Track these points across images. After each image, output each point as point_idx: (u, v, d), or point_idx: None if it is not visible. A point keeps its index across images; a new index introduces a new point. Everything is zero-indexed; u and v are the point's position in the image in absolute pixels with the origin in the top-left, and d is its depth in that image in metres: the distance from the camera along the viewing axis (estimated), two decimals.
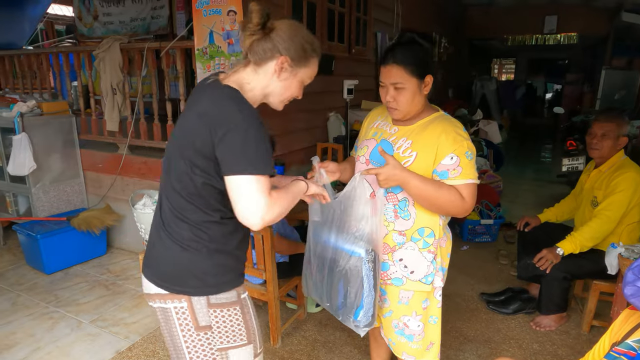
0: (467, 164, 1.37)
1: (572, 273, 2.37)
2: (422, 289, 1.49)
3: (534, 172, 6.85)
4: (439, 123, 1.42)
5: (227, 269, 1.19)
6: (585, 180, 2.57)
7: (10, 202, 3.63)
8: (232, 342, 1.20)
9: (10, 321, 2.58)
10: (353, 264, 1.40)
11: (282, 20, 1.18)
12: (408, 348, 1.58)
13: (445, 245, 1.53)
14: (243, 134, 1.04)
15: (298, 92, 1.25)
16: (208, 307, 1.16)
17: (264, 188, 1.05)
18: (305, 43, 1.18)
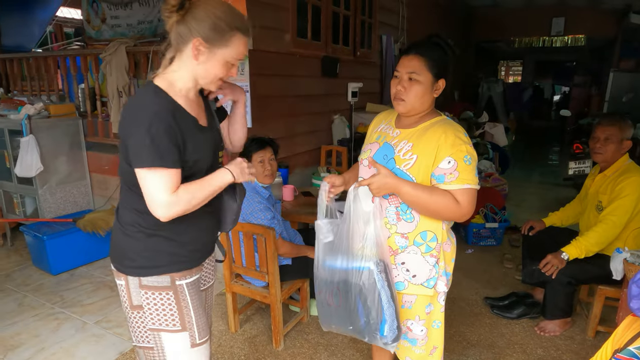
0: (464, 169, 1.36)
1: (577, 278, 2.35)
2: (424, 292, 1.49)
3: (540, 175, 6.80)
4: (440, 126, 1.41)
5: (161, 253, 1.22)
6: (590, 184, 2.55)
7: (18, 204, 3.67)
8: (164, 326, 1.23)
9: (16, 322, 2.61)
10: (365, 279, 1.39)
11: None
12: (411, 352, 1.58)
13: (450, 250, 1.52)
14: (141, 129, 1.08)
15: (224, 72, 1.21)
16: (140, 287, 1.22)
17: (166, 181, 1.10)
18: (218, 21, 1.14)
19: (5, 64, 4.46)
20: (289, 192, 3.08)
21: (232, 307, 2.45)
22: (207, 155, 1.24)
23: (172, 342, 1.24)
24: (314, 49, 3.74)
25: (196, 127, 1.21)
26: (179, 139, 1.14)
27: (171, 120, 1.12)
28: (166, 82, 1.18)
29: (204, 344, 1.29)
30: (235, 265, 2.37)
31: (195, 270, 1.29)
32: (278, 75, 3.28)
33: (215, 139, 1.30)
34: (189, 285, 1.25)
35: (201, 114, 1.27)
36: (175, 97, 1.18)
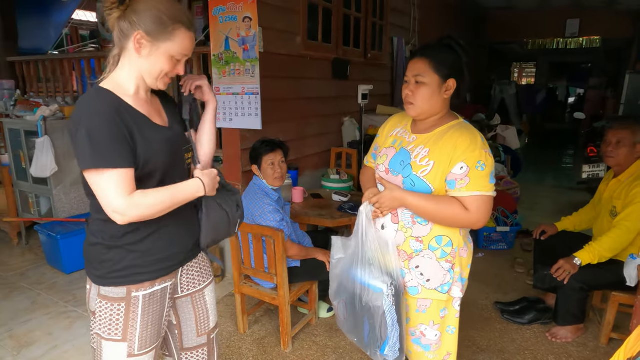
0: (476, 175, 1.34)
1: (589, 284, 2.31)
2: (438, 297, 1.48)
3: (554, 179, 6.71)
4: (456, 131, 1.39)
5: (119, 265, 1.19)
6: (604, 189, 2.51)
7: (33, 203, 3.74)
8: (107, 335, 1.22)
9: (30, 319, 2.66)
10: (375, 299, 1.43)
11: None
12: (425, 358, 1.56)
13: (467, 255, 1.49)
14: (84, 131, 1.05)
15: (170, 67, 1.18)
16: (98, 296, 1.22)
17: (115, 181, 1.07)
18: (161, 14, 1.12)
19: (22, 66, 4.55)
20: (299, 194, 3.09)
21: (241, 308, 2.46)
22: (162, 156, 1.19)
23: (109, 349, 1.23)
24: (325, 51, 3.75)
25: (148, 125, 1.18)
26: (127, 136, 1.10)
27: (115, 117, 1.08)
28: (113, 82, 1.16)
29: (142, 355, 1.26)
30: (244, 266, 2.38)
31: (159, 280, 1.26)
32: (288, 78, 3.30)
33: (174, 140, 1.25)
34: (146, 297, 1.23)
35: (155, 113, 1.24)
36: (123, 96, 1.15)
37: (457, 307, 1.52)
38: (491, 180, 1.37)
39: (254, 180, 2.38)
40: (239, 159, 2.97)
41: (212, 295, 1.48)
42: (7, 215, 3.83)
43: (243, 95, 2.82)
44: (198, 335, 1.44)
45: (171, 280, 1.30)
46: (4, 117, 3.73)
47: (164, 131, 1.22)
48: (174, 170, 1.25)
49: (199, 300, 1.42)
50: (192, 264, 1.39)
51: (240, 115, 2.86)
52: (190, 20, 1.17)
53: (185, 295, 1.39)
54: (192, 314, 1.41)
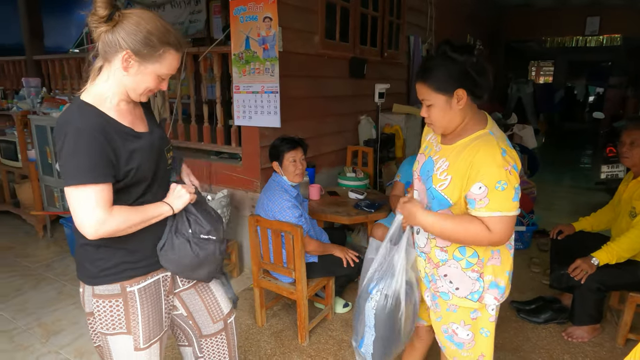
0: (496, 195, 1.29)
1: (607, 284, 2.31)
2: (469, 305, 1.46)
3: (572, 179, 6.63)
4: (476, 146, 1.33)
5: (109, 263, 1.23)
6: (623, 190, 2.50)
7: (58, 197, 3.86)
8: (111, 330, 1.26)
9: (57, 309, 2.76)
10: (364, 298, 1.53)
11: (132, 11, 1.15)
12: (459, 355, 1.57)
13: (501, 263, 1.45)
14: (63, 145, 1.09)
15: (155, 85, 1.21)
16: (92, 296, 1.25)
17: (93, 197, 1.09)
18: (150, 36, 1.13)
19: (48, 64, 4.68)
20: (316, 191, 3.14)
21: (259, 302, 2.52)
22: (148, 161, 1.23)
23: (117, 344, 1.27)
24: (342, 50, 3.78)
25: (131, 136, 1.20)
26: (109, 152, 1.12)
27: (97, 134, 1.10)
28: (95, 95, 1.17)
29: (147, 348, 1.30)
30: (263, 261, 2.44)
31: (152, 274, 1.30)
32: (306, 77, 3.34)
33: (156, 143, 1.28)
34: (141, 290, 1.27)
35: (137, 120, 1.27)
36: (106, 110, 1.17)
37: (492, 312, 1.49)
38: (514, 199, 1.31)
39: (273, 176, 2.43)
40: (257, 156, 3.02)
41: (217, 283, 1.52)
42: (33, 209, 3.97)
43: (262, 93, 2.87)
44: (214, 322, 1.49)
45: (163, 272, 1.34)
46: (31, 113, 3.85)
47: (146, 137, 1.25)
48: (159, 170, 1.29)
49: (203, 290, 1.47)
50: None
51: (260, 114, 2.92)
52: (179, 41, 1.19)
53: (188, 288, 1.44)
54: (201, 304, 1.46)
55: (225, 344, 1.55)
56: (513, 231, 1.35)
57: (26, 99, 4.12)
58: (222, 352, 1.55)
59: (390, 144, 4.24)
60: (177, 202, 1.29)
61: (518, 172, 1.32)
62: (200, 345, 1.52)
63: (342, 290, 2.81)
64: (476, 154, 1.32)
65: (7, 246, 3.79)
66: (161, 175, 1.31)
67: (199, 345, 1.52)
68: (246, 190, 3.15)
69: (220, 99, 3.25)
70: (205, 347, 1.52)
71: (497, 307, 1.51)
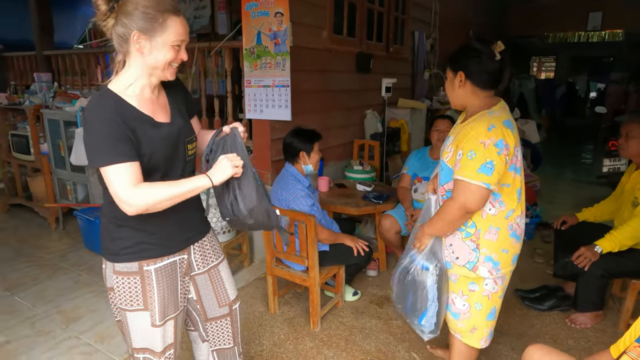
0: (464, 162, 1.48)
1: (609, 271, 2.38)
2: (466, 274, 1.63)
3: (574, 173, 6.70)
4: (473, 121, 1.55)
5: (129, 242, 1.30)
6: (625, 181, 2.57)
7: (71, 190, 3.94)
8: (129, 306, 1.33)
9: (75, 297, 2.85)
10: (421, 275, 1.69)
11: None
12: (455, 325, 1.74)
13: (497, 240, 1.60)
14: (88, 130, 1.17)
15: (173, 56, 1.25)
16: (113, 272, 1.32)
17: (122, 175, 1.15)
18: (146, 9, 1.17)
19: (58, 60, 4.75)
20: (325, 184, 3.21)
21: (272, 289, 2.60)
22: (163, 151, 1.28)
23: (134, 319, 1.35)
24: (349, 45, 3.84)
25: (149, 124, 1.25)
26: (129, 134, 1.19)
27: (116, 117, 1.17)
28: (118, 84, 1.24)
29: (162, 325, 1.37)
30: (276, 250, 2.52)
31: (169, 256, 1.36)
32: (315, 71, 3.41)
33: (174, 134, 1.32)
34: (157, 270, 1.33)
35: (159, 109, 1.31)
36: (127, 97, 1.23)
37: (486, 287, 1.65)
38: (480, 170, 1.45)
39: (285, 167, 2.51)
40: (268, 148, 3.10)
41: (226, 271, 1.59)
42: (45, 202, 4.05)
43: (273, 87, 2.94)
44: (220, 306, 1.56)
45: (181, 255, 1.41)
46: (43, 108, 3.92)
47: (165, 127, 1.30)
48: (175, 163, 1.34)
49: (215, 276, 1.54)
50: (204, 242, 1.51)
51: (271, 107, 2.99)
52: (175, 7, 1.22)
53: (202, 272, 1.50)
54: (211, 288, 1.53)
55: (229, 328, 1.61)
56: (478, 202, 1.49)
57: (37, 93, 4.18)
58: (226, 336, 1.61)
59: (396, 138, 4.31)
60: (218, 175, 1.28)
61: (507, 149, 1.47)
62: (206, 329, 1.58)
63: (352, 279, 2.89)
64: (471, 128, 1.52)
65: (21, 238, 3.87)
66: (180, 167, 1.36)
67: (204, 329, 1.59)
68: None
69: (230, 93, 3.31)
70: (210, 330, 1.58)
71: (493, 283, 1.64)
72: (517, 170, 1.58)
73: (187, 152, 1.38)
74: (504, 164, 1.48)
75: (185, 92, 1.47)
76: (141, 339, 1.37)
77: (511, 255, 1.64)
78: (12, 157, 4.29)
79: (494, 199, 1.56)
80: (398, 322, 2.56)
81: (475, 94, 1.60)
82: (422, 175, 2.97)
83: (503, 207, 1.58)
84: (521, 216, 1.64)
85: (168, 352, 1.42)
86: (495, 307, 1.72)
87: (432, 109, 5.32)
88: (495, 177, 1.47)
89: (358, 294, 2.83)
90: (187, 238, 1.43)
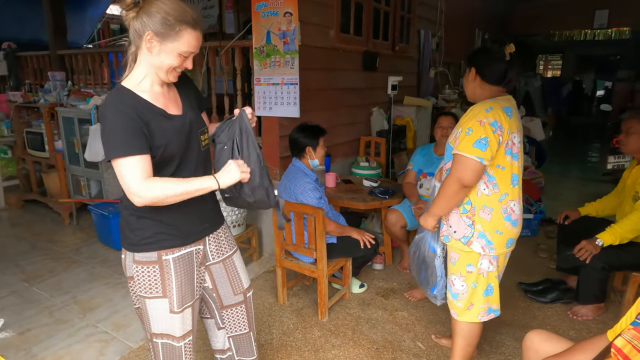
0: (463, 138, 1.64)
1: (610, 264, 2.44)
2: (461, 248, 1.78)
3: (579, 171, 6.73)
4: (475, 107, 1.71)
5: (148, 232, 1.36)
6: (627, 176, 2.62)
7: (84, 186, 4.05)
8: (148, 293, 1.39)
9: (91, 288, 2.95)
10: (429, 256, 1.96)
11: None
12: (454, 305, 1.89)
13: (491, 219, 1.73)
14: (104, 125, 1.23)
15: (179, 63, 1.30)
16: (133, 262, 1.38)
17: (132, 167, 1.21)
18: (167, 16, 1.22)
19: (71, 59, 4.86)
20: (332, 179, 3.29)
21: (281, 281, 2.68)
22: (177, 140, 1.33)
23: (154, 306, 1.41)
24: (356, 44, 3.91)
25: (163, 116, 1.31)
26: (143, 128, 1.24)
27: (131, 112, 1.22)
28: (131, 80, 1.30)
29: (181, 312, 1.43)
30: (285, 242, 2.60)
31: (186, 246, 1.42)
32: (322, 69, 3.48)
33: (187, 126, 1.37)
34: (175, 260, 1.39)
35: (171, 102, 1.37)
36: (140, 92, 1.29)
37: (481, 266, 1.79)
38: (476, 145, 1.61)
39: (293, 162, 2.59)
40: (277, 145, 3.18)
41: (240, 261, 1.66)
42: (60, 197, 4.16)
43: (282, 85, 3.02)
44: (235, 294, 1.63)
45: (197, 245, 1.47)
46: (58, 106, 4.03)
47: (177, 119, 1.35)
48: (190, 152, 1.39)
49: (230, 266, 1.61)
50: (219, 233, 1.57)
51: (280, 104, 3.07)
52: (195, 20, 1.27)
53: (217, 262, 1.57)
54: (226, 277, 1.60)
55: (245, 315, 1.68)
56: (471, 176, 1.64)
57: (52, 92, 4.29)
58: (242, 322, 1.68)
59: (402, 135, 4.38)
60: (225, 178, 1.33)
61: (500, 130, 1.63)
62: (222, 316, 1.65)
63: (358, 271, 2.96)
64: (470, 110, 1.70)
65: (35, 233, 3.99)
66: (195, 156, 1.42)
67: (220, 316, 1.65)
68: None
69: (240, 92, 3.39)
70: (226, 317, 1.65)
71: (488, 263, 1.78)
72: (514, 156, 1.72)
73: (201, 143, 1.44)
74: (497, 142, 1.64)
75: (194, 88, 1.54)
76: (160, 325, 1.43)
77: (505, 237, 1.76)
78: (27, 154, 4.40)
79: (488, 179, 1.71)
80: (404, 314, 2.63)
81: (483, 88, 1.78)
82: (427, 171, 3.04)
83: (496, 190, 1.72)
84: (517, 202, 1.77)
85: (188, 338, 1.49)
86: (491, 285, 1.84)
87: (438, 106, 5.38)
88: (488, 154, 1.62)
89: (364, 286, 2.90)
90: (203, 229, 1.50)
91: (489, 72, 1.75)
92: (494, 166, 1.69)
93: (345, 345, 2.34)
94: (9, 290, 2.93)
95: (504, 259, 1.88)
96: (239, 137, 1.40)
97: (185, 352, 1.48)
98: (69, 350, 2.31)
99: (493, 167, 1.70)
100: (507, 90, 1.79)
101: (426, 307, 2.69)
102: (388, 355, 2.26)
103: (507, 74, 1.73)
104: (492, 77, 1.75)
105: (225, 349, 1.69)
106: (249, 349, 1.71)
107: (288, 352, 2.28)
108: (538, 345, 1.56)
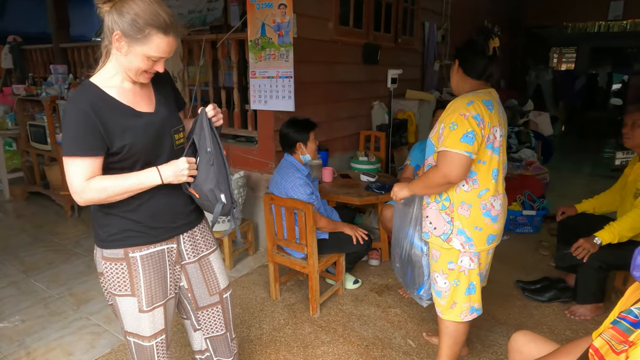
0: (448, 133, 1.61)
1: (609, 263, 2.37)
2: (441, 244, 1.76)
3: (589, 167, 6.58)
4: (455, 100, 1.69)
5: (115, 229, 1.34)
6: (629, 173, 2.54)
7: None
8: (118, 291, 1.37)
9: (87, 280, 2.97)
10: (416, 255, 1.95)
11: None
12: (438, 303, 1.87)
13: (469, 216, 1.71)
14: (62, 120, 1.22)
15: (147, 66, 1.26)
16: (102, 258, 1.37)
17: (78, 168, 1.20)
18: (137, 17, 1.18)
19: (74, 52, 4.88)
20: (328, 174, 3.25)
21: (273, 276, 2.67)
22: (144, 138, 1.29)
23: (124, 304, 1.38)
24: (356, 36, 3.85)
25: (129, 114, 1.28)
26: (99, 127, 1.21)
27: (89, 110, 1.19)
28: (100, 76, 1.27)
29: (150, 311, 1.40)
30: (277, 237, 2.58)
31: (155, 244, 1.39)
32: (320, 62, 3.43)
33: (157, 124, 1.34)
34: (144, 257, 1.36)
35: (142, 100, 1.33)
36: (107, 88, 1.26)
37: (461, 264, 1.76)
38: (463, 140, 1.58)
39: (285, 157, 2.56)
40: (272, 139, 3.15)
41: (218, 260, 1.61)
42: (62, 190, 4.20)
43: (277, 78, 2.99)
44: (210, 295, 1.58)
45: (169, 244, 1.42)
46: (59, 99, 4.05)
47: (147, 117, 1.31)
48: (160, 151, 1.35)
49: (205, 266, 1.56)
50: (195, 232, 1.52)
51: (275, 98, 3.04)
52: (168, 25, 1.23)
53: (193, 262, 1.53)
54: (201, 277, 1.56)
55: (221, 316, 1.63)
56: (459, 172, 1.61)
57: (54, 85, 4.32)
58: (218, 323, 1.63)
59: (403, 129, 4.31)
60: (168, 171, 1.32)
61: (482, 124, 1.61)
62: (197, 317, 1.61)
63: (352, 267, 2.94)
64: (451, 104, 1.69)
65: (38, 224, 4.04)
66: (166, 155, 1.37)
67: (196, 317, 1.61)
68: (261, 172, 3.29)
69: (237, 84, 3.37)
70: (202, 318, 1.61)
71: (468, 260, 1.75)
72: (495, 151, 1.70)
73: (174, 142, 1.40)
74: (481, 136, 1.62)
75: (172, 86, 1.50)
76: (130, 323, 1.42)
77: (485, 233, 1.73)
78: (31, 146, 4.45)
79: (469, 175, 1.68)
80: (396, 310, 2.60)
81: (465, 81, 1.77)
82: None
83: (476, 185, 1.70)
84: (496, 197, 1.73)
85: (159, 338, 1.45)
86: (473, 283, 1.80)
87: (442, 100, 5.29)
88: (475, 147, 1.60)
89: (359, 282, 2.87)
90: (175, 227, 1.45)
91: (471, 66, 1.74)
92: (475, 161, 1.67)
93: (335, 341, 2.32)
94: (8, 282, 2.98)
95: (486, 256, 1.84)
96: (197, 136, 1.39)
97: (157, 352, 1.45)
98: (61, 342, 2.33)
99: (474, 162, 1.67)
100: (489, 83, 1.77)
101: (419, 305, 2.64)
102: (377, 353, 2.23)
103: (487, 68, 1.72)
104: (473, 71, 1.73)
105: (203, 349, 1.66)
106: (226, 351, 1.68)
107: (277, 347, 2.27)
108: (523, 347, 1.53)
